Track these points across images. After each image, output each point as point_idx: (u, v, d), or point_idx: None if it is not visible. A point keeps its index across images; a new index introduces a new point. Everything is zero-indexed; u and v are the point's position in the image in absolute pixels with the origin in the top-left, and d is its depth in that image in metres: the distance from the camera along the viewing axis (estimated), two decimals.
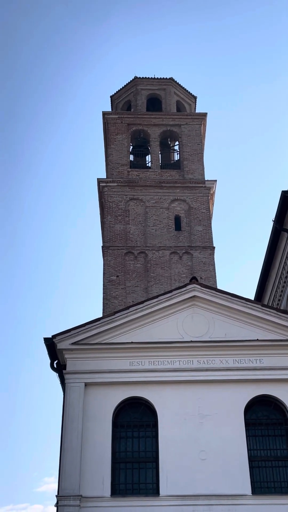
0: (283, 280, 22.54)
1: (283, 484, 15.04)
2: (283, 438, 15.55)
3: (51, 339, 16.18)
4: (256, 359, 16.16)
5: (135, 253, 32.26)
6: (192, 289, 17.03)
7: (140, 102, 38.23)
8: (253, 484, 14.94)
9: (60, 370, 16.36)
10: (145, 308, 16.71)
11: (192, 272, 31.52)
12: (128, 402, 15.90)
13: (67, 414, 15.47)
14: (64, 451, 15.07)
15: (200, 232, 32.92)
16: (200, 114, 37.19)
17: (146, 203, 33.73)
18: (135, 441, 15.52)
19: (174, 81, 39.17)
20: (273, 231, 21.42)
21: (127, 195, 33.93)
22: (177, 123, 36.67)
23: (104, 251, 32.23)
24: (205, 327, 16.67)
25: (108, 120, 36.49)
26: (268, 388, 15.87)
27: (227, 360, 16.17)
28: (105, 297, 30.72)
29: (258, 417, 15.79)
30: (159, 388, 15.88)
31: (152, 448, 15.40)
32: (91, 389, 15.85)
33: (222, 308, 16.85)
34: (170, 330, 16.59)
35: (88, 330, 16.36)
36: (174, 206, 33.84)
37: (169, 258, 32.13)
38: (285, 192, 19.98)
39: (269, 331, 16.48)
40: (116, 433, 15.54)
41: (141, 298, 29.89)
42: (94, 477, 14.86)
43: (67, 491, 14.57)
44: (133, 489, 14.96)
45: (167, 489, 14.75)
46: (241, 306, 16.73)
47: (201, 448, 15.18)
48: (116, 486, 14.96)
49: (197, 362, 16.14)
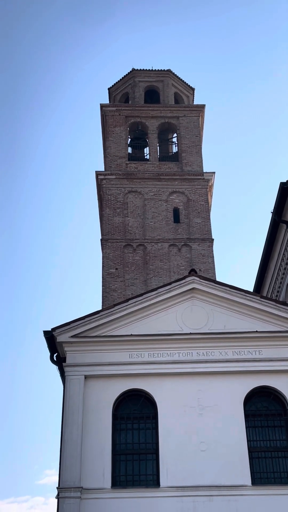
0: (282, 272, 22.56)
1: (283, 475, 15.11)
2: (282, 429, 15.61)
3: (50, 332, 16.21)
4: (255, 351, 16.20)
5: (134, 246, 32.26)
6: (191, 281, 17.04)
7: (138, 94, 38.12)
8: (253, 475, 14.99)
9: (60, 363, 16.39)
10: (145, 301, 16.73)
11: (191, 264, 31.53)
12: (128, 394, 15.94)
13: (67, 407, 15.51)
14: (64, 443, 15.12)
15: (199, 224, 32.91)
16: (198, 106, 37.09)
17: (144, 195, 33.69)
18: (135, 433, 15.57)
19: (172, 73, 39.04)
20: (271, 223, 21.41)
21: (125, 188, 33.89)
22: (175, 115, 36.58)
23: (103, 244, 32.22)
24: (204, 319, 16.69)
25: (106, 112, 36.39)
26: (268, 380, 15.91)
27: (227, 351, 16.21)
28: (104, 290, 30.73)
29: (257, 408, 15.84)
30: (158, 380, 15.92)
31: (152, 440, 15.46)
32: (91, 381, 15.89)
33: (221, 300, 16.87)
34: (170, 322, 16.62)
35: (88, 323, 16.38)
36: (172, 199, 33.81)
37: (168, 251, 32.13)
38: (283, 183, 19.96)
39: (268, 322, 16.51)
40: (116, 425, 15.59)
41: (140, 291, 29.92)
42: (95, 469, 14.92)
43: (67, 483, 14.64)
44: (134, 481, 15.01)
45: (167, 481, 14.81)
46: (240, 298, 16.75)
47: (201, 440, 15.23)
48: (116, 478, 15.02)
49: (197, 354, 16.17)
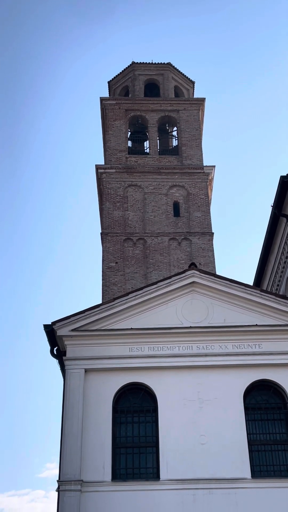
0: (282, 266, 22.56)
1: (282, 468, 15.15)
2: (282, 422, 15.65)
3: (50, 326, 16.23)
4: (255, 344, 16.22)
5: (134, 240, 32.25)
6: (191, 275, 17.04)
7: (137, 88, 38.01)
8: (253, 468, 15.04)
9: (60, 356, 16.42)
10: (144, 294, 16.73)
11: (191, 258, 31.53)
12: (128, 388, 15.97)
13: (68, 400, 15.54)
14: (64, 437, 15.16)
15: (199, 218, 32.89)
16: (198, 99, 36.98)
17: (144, 189, 33.64)
18: (135, 426, 15.61)
19: (172, 66, 38.91)
20: (272, 216, 21.41)
21: (125, 182, 33.84)
22: (175, 109, 36.48)
23: (103, 237, 32.21)
24: (204, 312, 16.70)
25: (106, 106, 36.29)
26: (267, 373, 15.94)
27: (226, 345, 16.22)
28: (104, 284, 30.74)
29: (257, 402, 15.87)
30: (158, 374, 15.94)
31: (152, 433, 15.50)
32: (91, 375, 15.92)
33: (221, 293, 16.87)
34: (169, 316, 16.63)
35: (88, 316, 16.40)
36: (172, 192, 33.77)
37: (168, 244, 32.12)
38: (283, 177, 19.95)
39: (268, 316, 16.53)
40: (116, 418, 15.63)
41: (140, 285, 29.93)
42: (95, 462, 14.96)
43: (68, 476, 14.68)
44: (134, 474, 15.06)
45: (167, 474, 14.86)
46: (240, 291, 16.75)
47: (201, 433, 15.27)
48: (116, 471, 15.06)
49: (197, 347, 16.19)
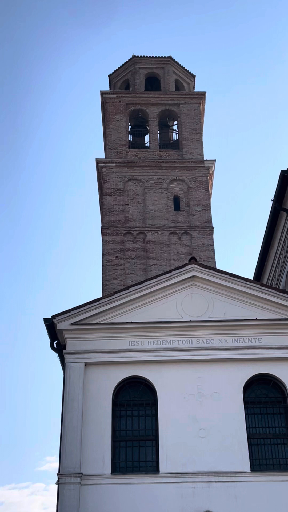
0: (282, 260, 22.57)
1: (282, 461, 15.21)
2: (281, 416, 15.69)
3: (50, 320, 16.26)
4: (255, 338, 16.25)
5: (134, 234, 32.24)
6: (191, 269, 17.06)
7: (138, 81, 37.93)
8: (252, 461, 15.10)
9: (60, 350, 16.45)
10: (145, 288, 16.75)
11: (191, 252, 31.54)
12: (128, 381, 16.01)
13: (68, 394, 15.58)
14: (64, 430, 15.20)
15: (199, 212, 32.87)
16: (199, 93, 36.90)
17: (145, 183, 33.62)
18: (135, 420, 15.66)
19: (172, 59, 38.82)
20: (272, 210, 21.40)
21: (125, 176, 33.80)
22: (175, 102, 36.41)
23: (103, 231, 32.20)
24: (204, 306, 16.73)
25: (107, 99, 36.23)
26: (267, 367, 15.98)
27: (226, 339, 16.25)
28: (105, 278, 30.76)
29: (257, 396, 15.92)
30: (158, 368, 15.98)
31: (152, 427, 15.55)
32: (91, 368, 15.96)
33: (221, 288, 16.89)
34: (170, 310, 16.65)
35: (88, 310, 16.42)
36: (173, 186, 33.74)
37: (168, 239, 32.12)
38: (284, 171, 19.93)
39: (268, 310, 16.55)
40: (116, 412, 15.68)
41: (140, 279, 29.95)
42: (95, 455, 15.02)
43: (68, 469, 14.74)
44: (133, 467, 15.11)
45: (167, 467, 14.91)
46: (240, 285, 16.77)
47: (200, 426, 15.32)
48: (116, 464, 15.12)
49: (196, 341, 16.22)
